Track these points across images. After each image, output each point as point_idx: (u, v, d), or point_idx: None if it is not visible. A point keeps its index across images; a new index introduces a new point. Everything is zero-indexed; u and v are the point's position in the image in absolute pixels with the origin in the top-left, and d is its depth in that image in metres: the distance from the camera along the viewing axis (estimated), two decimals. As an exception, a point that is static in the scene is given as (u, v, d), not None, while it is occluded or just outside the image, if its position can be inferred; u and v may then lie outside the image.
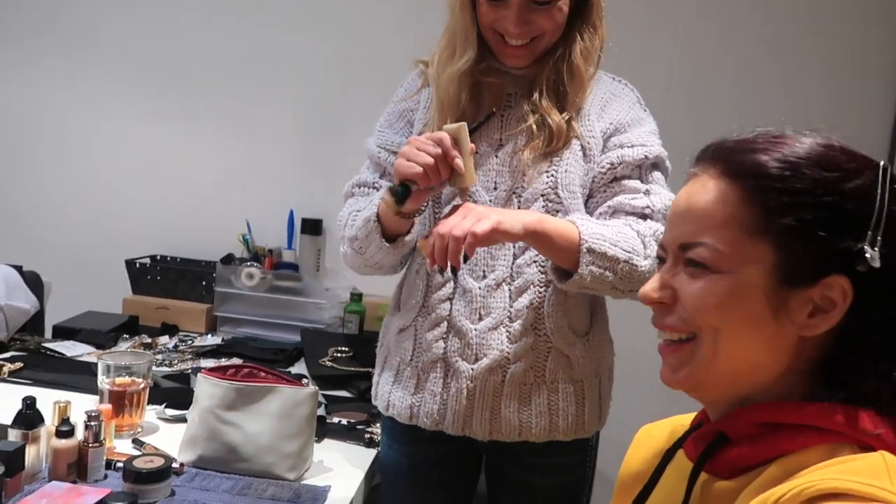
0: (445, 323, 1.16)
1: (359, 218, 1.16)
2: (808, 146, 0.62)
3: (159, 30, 2.26)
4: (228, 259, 2.12)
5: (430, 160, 1.04)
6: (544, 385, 1.15)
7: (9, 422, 1.10)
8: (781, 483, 0.56)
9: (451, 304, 1.16)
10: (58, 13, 2.30)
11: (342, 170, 2.17)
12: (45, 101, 2.33)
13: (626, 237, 1.08)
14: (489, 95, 1.16)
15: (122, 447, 1.24)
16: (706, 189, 0.64)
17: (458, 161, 1.05)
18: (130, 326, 1.97)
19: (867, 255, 0.59)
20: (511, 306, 1.13)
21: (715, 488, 0.63)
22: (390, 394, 1.22)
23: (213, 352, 1.85)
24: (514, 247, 1.14)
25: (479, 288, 1.14)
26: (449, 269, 1.04)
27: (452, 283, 1.16)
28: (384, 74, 2.14)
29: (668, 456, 0.71)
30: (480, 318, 1.14)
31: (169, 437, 1.29)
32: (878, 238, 0.59)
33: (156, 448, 1.24)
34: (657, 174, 1.17)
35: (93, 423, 1.11)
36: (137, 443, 1.26)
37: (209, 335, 2.01)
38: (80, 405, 1.24)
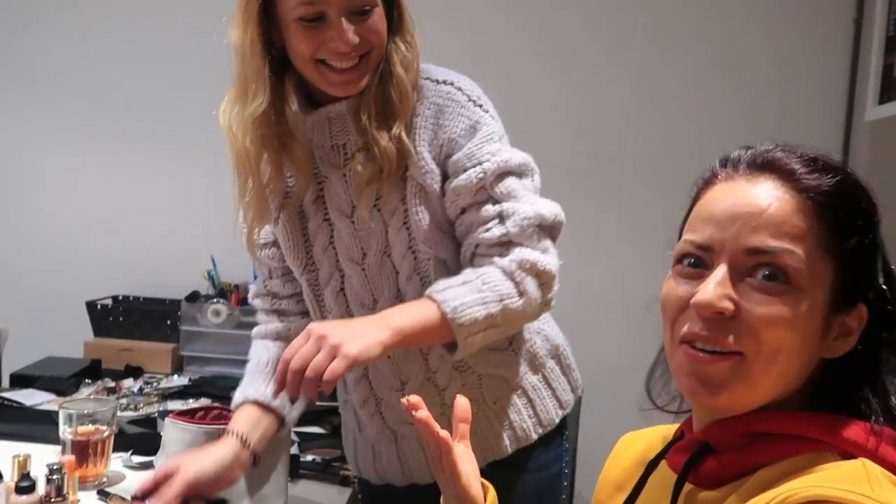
0: (373, 399, 1.14)
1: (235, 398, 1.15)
2: (855, 174, 0.63)
3: (115, 62, 2.23)
4: (194, 296, 2.08)
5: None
6: (489, 409, 1.13)
7: (-35, 480, 1.05)
8: (765, 492, 0.56)
9: (368, 380, 1.14)
10: (4, 50, 2.25)
11: None
12: (-1, 141, 2.28)
13: (491, 285, 0.99)
14: (327, 160, 1.07)
15: (87, 500, 1.19)
16: (773, 195, 0.61)
17: None
18: (93, 371, 1.91)
19: (882, 284, 0.62)
20: (427, 363, 1.11)
21: (699, 498, 0.63)
22: (356, 458, 1.22)
23: (181, 393, 1.80)
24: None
25: (388, 358, 1.09)
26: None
27: None
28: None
29: (651, 466, 0.70)
30: (403, 384, 1.12)
31: (136, 485, 1.24)
32: (882, 268, 0.63)
33: (123, 499, 1.19)
34: (509, 181, 1.03)
35: (55, 477, 1.06)
36: (103, 494, 1.21)
37: (175, 376, 1.96)
38: (42, 457, 1.19)
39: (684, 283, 0.63)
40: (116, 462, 1.32)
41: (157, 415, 1.58)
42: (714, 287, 0.60)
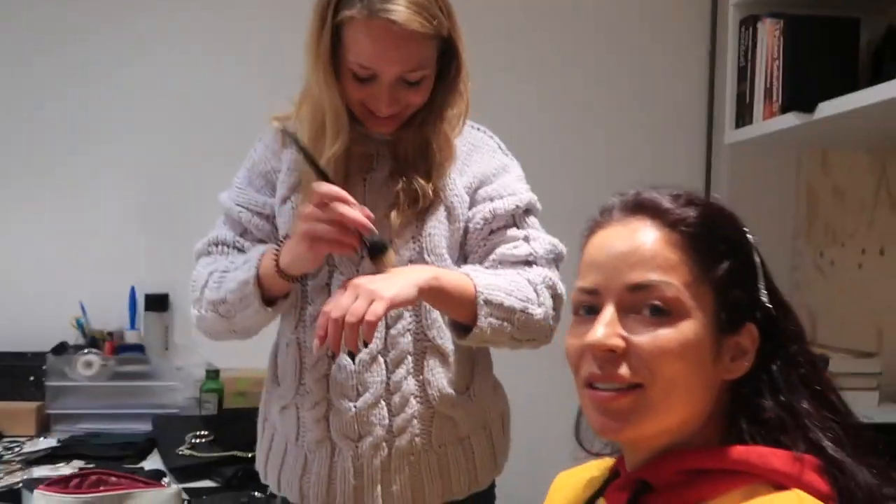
0: (324, 403, 1.11)
1: (228, 279, 1.09)
2: (719, 204, 0.69)
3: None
4: (61, 348, 1.90)
5: (333, 230, 0.98)
6: (432, 451, 1.13)
7: None
8: None
9: (326, 382, 1.11)
10: None
11: (187, 237, 2.04)
12: None
13: (518, 286, 1.07)
14: (353, 161, 1.13)
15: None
16: (645, 233, 0.65)
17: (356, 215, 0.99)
18: (-60, 439, 1.69)
19: (765, 302, 0.66)
20: (388, 379, 1.11)
21: None
22: (279, 473, 1.17)
23: (49, 457, 1.63)
24: (386, 317, 1.09)
25: (353, 364, 1.10)
26: (345, 353, 0.99)
27: (326, 360, 1.11)
28: (234, 130, 2.06)
29: None
30: (359, 395, 1.10)
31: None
32: (764, 288, 0.66)
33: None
34: (532, 219, 1.16)
35: None
36: (-41, 584, 1.07)
37: (41, 437, 1.77)
38: None
39: (581, 330, 0.67)
40: (-26, 545, 1.17)
41: (21, 485, 1.42)
42: (603, 327, 0.64)
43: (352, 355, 1.09)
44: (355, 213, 0.99)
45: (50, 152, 2.05)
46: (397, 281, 0.98)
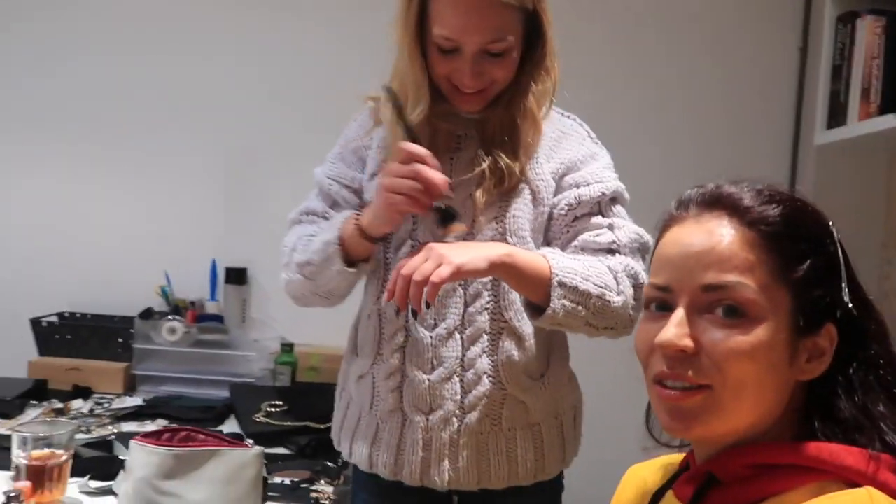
0: (399, 373, 1.14)
1: (315, 241, 1.13)
2: (803, 200, 0.66)
3: (58, 73, 2.14)
4: (148, 314, 2.01)
5: (415, 184, 1.02)
6: (501, 433, 1.13)
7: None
8: None
9: (403, 354, 1.14)
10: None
11: (266, 215, 2.15)
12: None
13: (598, 272, 1.07)
14: (440, 139, 1.15)
15: (43, 528, 1.12)
16: (721, 232, 0.64)
17: (434, 175, 1.02)
18: (38, 391, 1.81)
19: (847, 302, 0.63)
20: (463, 355, 1.12)
21: None
22: (352, 441, 1.20)
23: (135, 414, 1.72)
24: (465, 294, 1.13)
25: (431, 337, 1.12)
26: (409, 310, 1.02)
27: (404, 332, 1.14)
28: (309, 112, 2.14)
29: (656, 497, 0.71)
30: (433, 368, 1.12)
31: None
32: (846, 287, 0.64)
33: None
34: (618, 208, 1.16)
35: (12, 505, 1.00)
36: (60, 522, 1.15)
37: (127, 396, 1.87)
38: (-8, 484, 1.12)
39: (651, 327, 0.66)
40: (73, 488, 1.26)
41: (112, 437, 1.51)
42: (674, 327, 0.63)
43: (415, 314, 1.09)
44: (433, 173, 1.02)
45: (142, 133, 2.15)
46: (469, 251, 1.01)
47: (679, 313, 0.64)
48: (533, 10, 1.08)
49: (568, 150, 1.18)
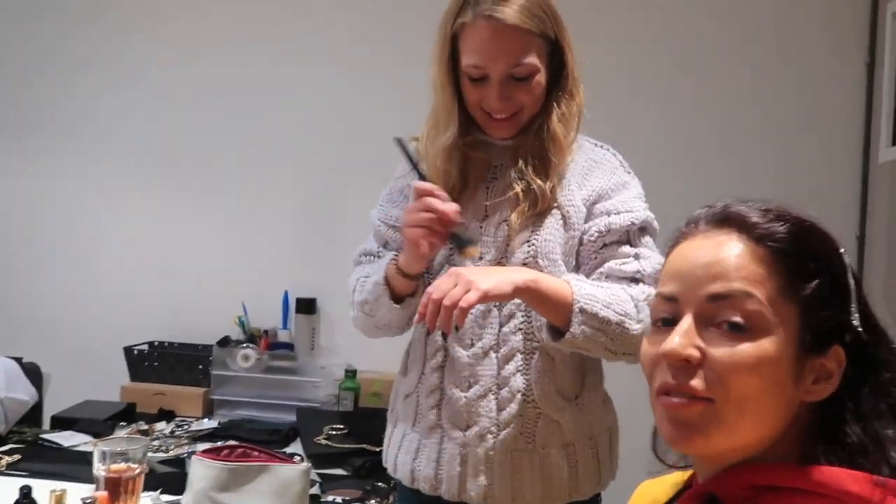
0: (438, 391, 1.20)
1: (368, 282, 1.23)
2: (811, 220, 0.66)
3: (151, 115, 2.36)
4: (225, 341, 2.16)
5: (430, 216, 1.10)
6: (535, 451, 1.17)
7: (5, 513, 1.12)
8: None
9: (442, 372, 1.20)
10: (53, 108, 2.40)
11: (334, 249, 2.27)
12: (43, 193, 2.41)
13: (619, 300, 1.10)
14: (474, 169, 1.22)
15: (118, 535, 1.24)
16: (730, 245, 0.64)
17: (446, 208, 1.10)
18: (128, 413, 1.98)
19: (856, 325, 0.63)
20: (499, 373, 1.17)
21: None
22: (396, 457, 1.27)
23: (210, 435, 1.86)
24: (500, 315, 1.18)
25: (467, 356, 1.18)
26: (439, 332, 1.08)
27: (443, 351, 1.21)
28: (377, 154, 2.23)
29: None
30: (470, 386, 1.18)
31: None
32: (856, 311, 0.63)
33: (152, 533, 1.24)
34: (646, 238, 1.19)
35: (88, 511, 1.12)
36: (133, 530, 1.27)
37: (206, 419, 2.01)
38: (77, 493, 1.26)
39: (657, 339, 0.66)
40: (146, 500, 1.38)
41: (186, 455, 1.64)
42: (680, 337, 0.63)
43: (444, 336, 1.16)
44: (442, 203, 1.10)
45: (221, 173, 2.35)
46: (495, 276, 1.06)
47: (685, 322, 0.64)
48: (555, 38, 1.16)
49: (599, 178, 1.22)
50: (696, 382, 0.62)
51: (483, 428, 1.16)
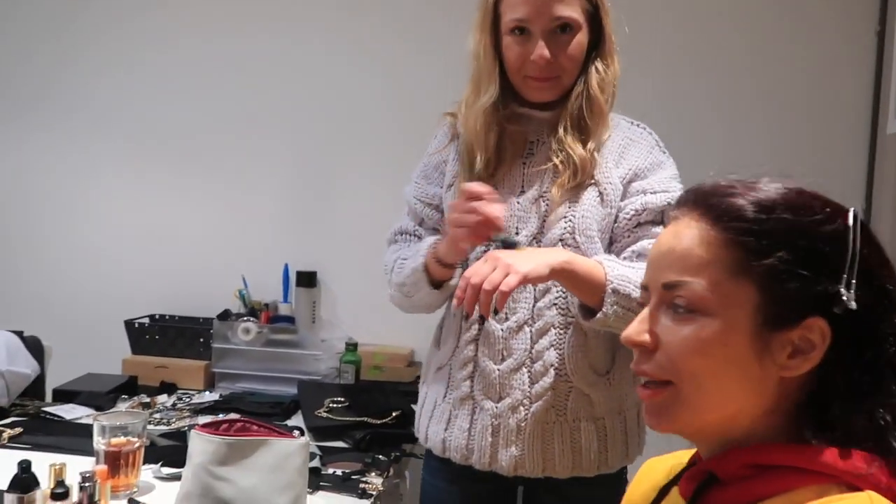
0: (472, 363, 1.23)
1: (406, 267, 1.26)
2: (782, 191, 0.65)
3: (149, 91, 2.34)
4: (225, 315, 2.16)
5: (475, 218, 1.11)
6: (566, 423, 1.19)
7: (5, 486, 1.12)
8: None
9: (476, 345, 1.22)
10: (51, 84, 2.39)
11: (334, 222, 2.27)
12: (42, 169, 2.40)
13: None
14: (512, 144, 1.23)
15: (118, 508, 1.25)
16: (688, 231, 0.66)
17: (494, 213, 1.11)
18: (129, 387, 1.99)
19: (843, 297, 0.61)
20: (532, 348, 1.19)
21: None
22: (427, 428, 1.30)
23: (212, 408, 1.86)
24: (535, 290, 1.20)
25: (502, 330, 1.20)
26: (477, 314, 1.09)
27: (477, 325, 1.22)
28: (374, 127, 2.25)
29: (662, 492, 0.72)
30: (503, 359, 1.20)
31: (165, 495, 1.30)
32: (853, 281, 0.61)
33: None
34: None
35: (87, 485, 1.13)
36: (133, 503, 1.27)
37: (207, 392, 2.02)
38: (77, 467, 1.26)
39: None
40: (147, 473, 1.39)
41: (187, 428, 1.65)
42: (636, 323, 0.68)
43: (483, 318, 1.19)
44: (491, 208, 1.10)
45: (221, 150, 2.33)
46: (533, 258, 1.07)
47: (645, 311, 0.68)
48: (594, 3, 1.17)
49: (636, 157, 1.23)
50: (647, 367, 0.66)
51: (515, 400, 1.19)
